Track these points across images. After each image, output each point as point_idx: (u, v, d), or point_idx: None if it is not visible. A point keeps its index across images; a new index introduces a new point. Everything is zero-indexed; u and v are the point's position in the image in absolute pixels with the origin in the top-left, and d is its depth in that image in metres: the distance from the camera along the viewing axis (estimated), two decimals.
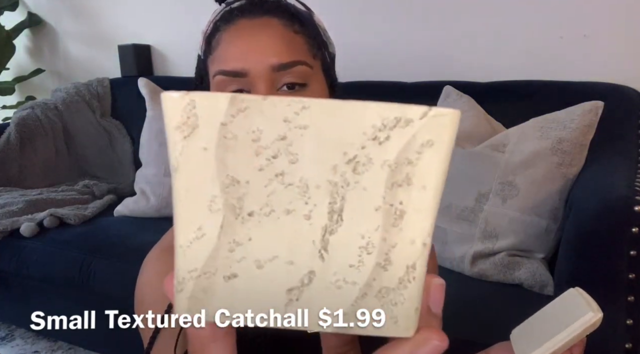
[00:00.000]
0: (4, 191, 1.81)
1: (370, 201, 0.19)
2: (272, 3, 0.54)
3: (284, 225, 0.19)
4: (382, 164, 0.19)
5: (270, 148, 0.19)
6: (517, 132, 1.24)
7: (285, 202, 0.19)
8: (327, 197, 0.19)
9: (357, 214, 0.19)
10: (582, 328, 0.41)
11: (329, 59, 0.57)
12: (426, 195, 0.19)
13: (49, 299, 1.57)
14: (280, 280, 0.20)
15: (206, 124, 0.19)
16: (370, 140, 0.19)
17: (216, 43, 0.54)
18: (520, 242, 1.16)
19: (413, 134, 0.19)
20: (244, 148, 0.19)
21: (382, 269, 0.19)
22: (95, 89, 2.16)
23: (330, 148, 0.19)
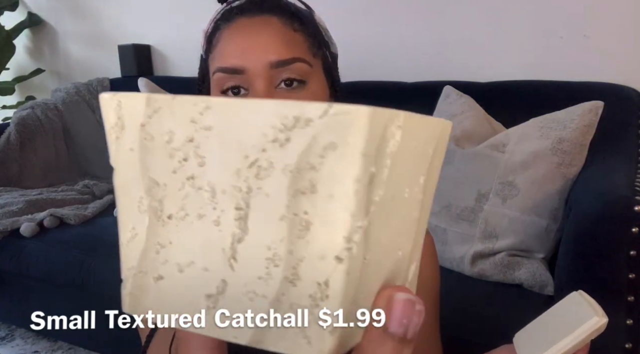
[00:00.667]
0: (4, 191, 1.81)
1: (274, 209, 0.17)
2: (272, 2, 0.54)
3: (198, 230, 0.18)
4: (283, 169, 0.17)
5: (181, 150, 0.18)
6: (517, 132, 1.24)
7: (197, 207, 0.18)
8: (233, 203, 0.18)
9: (262, 223, 0.17)
10: (587, 332, 0.41)
11: (331, 59, 0.57)
12: (334, 205, 0.16)
13: (49, 299, 1.57)
14: (199, 286, 0.19)
15: (130, 125, 0.19)
16: (270, 142, 0.17)
17: (216, 41, 0.54)
18: (520, 242, 1.16)
19: (313, 135, 0.16)
20: (160, 150, 0.19)
21: (291, 284, 0.17)
22: (95, 89, 2.16)
23: (233, 151, 0.17)
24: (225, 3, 0.56)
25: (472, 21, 1.62)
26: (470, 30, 1.63)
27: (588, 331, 0.41)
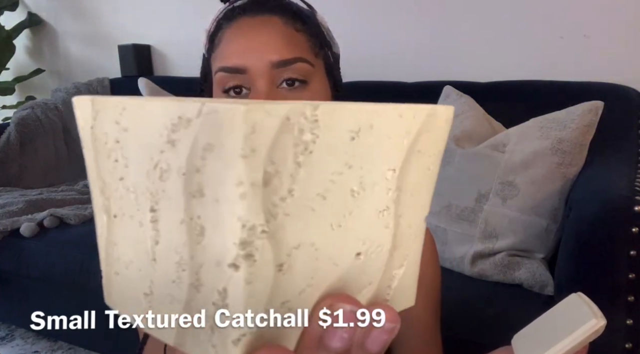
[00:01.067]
0: (4, 191, 1.81)
1: (176, 212, 0.17)
2: (274, 2, 0.54)
3: (130, 230, 0.19)
4: (177, 171, 0.16)
5: (113, 151, 0.18)
6: (517, 132, 1.24)
7: (128, 207, 0.19)
8: (148, 205, 0.18)
9: (168, 226, 0.17)
10: (585, 334, 0.40)
11: (333, 59, 0.57)
12: (221, 210, 0.15)
13: (49, 299, 1.57)
14: (138, 284, 0.19)
15: (83, 128, 0.20)
16: (165, 143, 0.16)
17: (218, 41, 0.54)
18: (520, 242, 1.16)
19: (195, 136, 0.16)
20: (102, 151, 0.19)
21: (196, 290, 0.17)
22: (95, 89, 2.16)
23: (142, 152, 0.17)
24: (228, 2, 0.57)
25: (472, 21, 1.62)
26: (470, 31, 1.63)
27: (586, 333, 0.41)
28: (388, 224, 0.20)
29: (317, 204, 0.17)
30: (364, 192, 0.18)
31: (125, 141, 0.18)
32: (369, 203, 0.19)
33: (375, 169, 0.19)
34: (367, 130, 0.18)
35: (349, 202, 0.18)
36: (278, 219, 0.16)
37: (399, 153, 0.19)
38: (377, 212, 0.19)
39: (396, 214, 0.20)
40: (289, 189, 0.16)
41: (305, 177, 0.16)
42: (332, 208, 0.18)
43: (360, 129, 0.18)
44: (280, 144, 0.16)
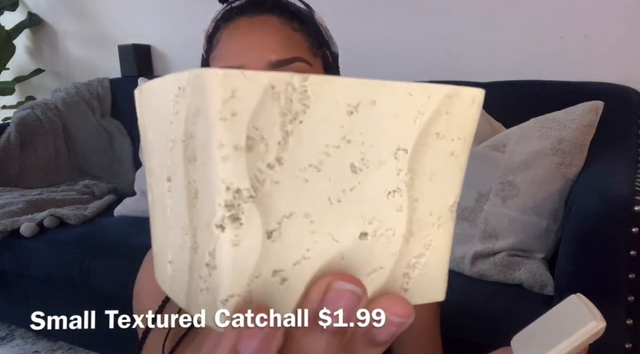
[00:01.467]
0: (4, 191, 1.81)
1: (180, 179, 0.18)
2: (272, 2, 0.55)
3: (157, 203, 0.20)
4: (181, 140, 0.17)
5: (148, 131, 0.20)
6: (517, 132, 1.24)
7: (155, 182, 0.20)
8: (165, 175, 0.19)
9: (176, 193, 0.18)
10: (585, 336, 0.40)
11: (331, 59, 0.58)
12: (208, 172, 0.16)
13: (49, 299, 1.57)
14: (164, 253, 0.20)
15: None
16: (173, 115, 0.18)
17: (216, 41, 0.54)
18: (520, 242, 1.16)
19: (188, 103, 0.17)
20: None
21: (194, 252, 0.18)
22: (95, 89, 2.16)
23: (161, 125, 0.18)
24: (226, 3, 0.57)
25: (472, 21, 1.62)
26: (470, 30, 1.63)
27: (586, 335, 0.40)
28: (400, 207, 0.19)
29: (310, 175, 0.17)
30: (368, 169, 0.18)
31: (149, 118, 0.19)
32: (375, 182, 0.19)
33: (381, 147, 0.18)
34: (368, 105, 0.18)
35: (350, 177, 0.18)
36: (266, 185, 0.16)
37: (410, 134, 0.19)
38: (386, 193, 0.19)
39: (410, 197, 0.19)
40: (277, 157, 0.17)
41: (295, 146, 0.17)
42: (329, 181, 0.18)
43: (359, 103, 0.17)
44: (265, 111, 0.16)
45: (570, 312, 0.43)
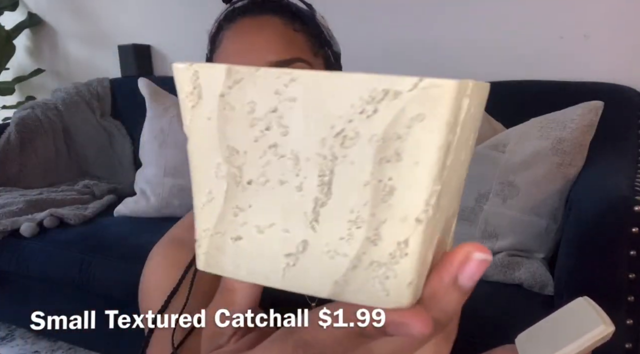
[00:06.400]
0: (4, 191, 1.81)
1: (359, 175, 0.19)
2: (274, 2, 0.55)
3: (279, 195, 0.20)
4: (369, 139, 0.18)
5: (263, 120, 0.19)
6: (517, 132, 1.24)
7: (279, 173, 0.19)
8: (316, 170, 0.19)
9: (345, 189, 0.19)
10: (593, 340, 0.40)
11: (333, 58, 0.58)
12: (419, 171, 0.18)
13: (49, 299, 1.57)
14: (278, 245, 0.20)
15: (208, 95, 0.20)
16: (357, 113, 0.18)
17: (219, 42, 0.55)
18: (520, 242, 1.16)
19: (402, 107, 0.18)
20: (240, 119, 0.20)
21: (372, 244, 0.19)
22: (95, 89, 2.16)
23: (319, 121, 0.19)
24: (229, 4, 0.57)
25: (472, 21, 1.62)
26: (470, 30, 1.63)
27: (594, 338, 0.40)
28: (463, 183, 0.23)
29: (453, 168, 0.20)
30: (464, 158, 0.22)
31: (290, 110, 0.19)
32: (463, 167, 0.23)
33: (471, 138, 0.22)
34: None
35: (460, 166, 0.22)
36: (441, 180, 0.19)
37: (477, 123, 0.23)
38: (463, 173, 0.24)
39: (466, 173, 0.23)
40: (451, 155, 0.19)
41: (455, 146, 0.19)
42: (455, 172, 0.20)
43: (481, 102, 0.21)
44: (458, 116, 0.18)
45: (578, 315, 0.43)
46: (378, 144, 0.18)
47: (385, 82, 0.18)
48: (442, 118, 0.17)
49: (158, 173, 1.71)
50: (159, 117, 1.78)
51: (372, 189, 0.18)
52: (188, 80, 0.20)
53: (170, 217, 1.59)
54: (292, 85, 0.19)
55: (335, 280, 0.19)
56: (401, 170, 0.18)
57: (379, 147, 0.18)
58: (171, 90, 1.90)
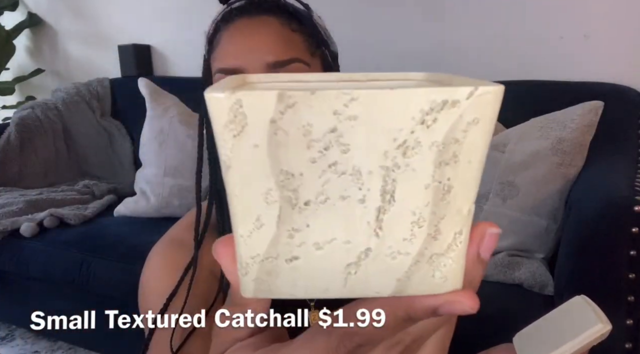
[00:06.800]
0: (4, 191, 1.81)
1: (420, 180, 0.20)
2: (271, 3, 0.55)
3: (340, 210, 0.20)
4: (430, 146, 0.19)
5: (321, 141, 0.19)
6: (517, 132, 1.24)
7: (340, 190, 0.20)
8: (379, 182, 0.20)
9: (408, 194, 0.20)
10: (590, 338, 0.40)
11: (331, 58, 0.58)
12: (471, 168, 0.20)
13: (49, 299, 1.57)
14: (339, 258, 0.21)
15: (255, 122, 0.20)
16: (419, 124, 0.19)
17: (217, 42, 0.55)
18: (520, 242, 1.16)
19: (460, 114, 0.19)
20: (295, 143, 0.20)
21: (433, 239, 0.21)
22: (95, 89, 2.16)
23: (381, 135, 0.19)
24: (226, 4, 0.57)
25: (472, 21, 1.62)
26: (470, 31, 1.63)
27: (591, 337, 0.40)
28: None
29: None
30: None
31: (351, 129, 0.19)
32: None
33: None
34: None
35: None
36: None
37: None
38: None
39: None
40: None
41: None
42: None
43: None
44: None
45: (576, 313, 0.43)
46: (438, 149, 0.19)
47: (444, 93, 0.19)
48: (492, 119, 0.20)
49: (158, 173, 1.71)
50: (159, 117, 1.78)
51: (433, 191, 0.20)
52: (227, 110, 0.19)
53: (170, 217, 1.58)
54: (352, 105, 0.19)
55: (398, 278, 0.21)
56: (458, 170, 0.20)
57: (439, 152, 0.19)
58: (171, 90, 1.90)
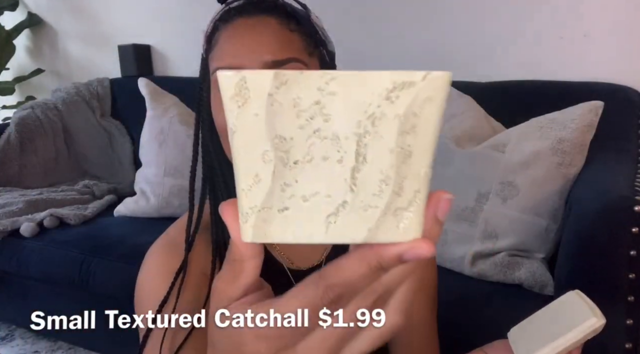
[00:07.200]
0: (4, 191, 1.81)
1: (386, 145, 0.25)
2: (269, 2, 0.56)
3: (322, 169, 0.25)
4: (393, 118, 0.24)
5: (307, 111, 0.25)
6: (517, 132, 1.24)
7: (323, 151, 0.25)
8: (354, 145, 0.25)
9: (376, 156, 0.25)
10: (584, 333, 0.41)
11: (328, 58, 0.59)
12: (427, 138, 0.25)
13: (49, 299, 1.57)
14: (322, 209, 0.26)
15: (256, 96, 0.25)
16: (384, 100, 0.24)
17: (215, 41, 0.56)
18: (520, 242, 1.16)
19: (417, 93, 0.24)
20: (287, 112, 0.25)
21: (397, 195, 0.25)
22: (95, 89, 2.16)
23: (355, 108, 0.24)
24: (224, 4, 0.58)
25: (472, 21, 1.63)
26: (470, 30, 1.63)
27: (585, 331, 0.41)
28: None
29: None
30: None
31: (331, 102, 0.25)
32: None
33: None
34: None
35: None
36: None
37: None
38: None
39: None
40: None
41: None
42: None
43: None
44: None
45: (569, 308, 0.44)
46: (400, 121, 0.24)
47: (404, 76, 0.24)
48: (444, 98, 0.24)
49: (158, 173, 1.71)
50: (159, 117, 1.78)
51: (396, 155, 0.25)
52: (234, 85, 0.25)
53: (170, 217, 1.59)
54: (332, 83, 0.24)
55: (369, 227, 0.25)
56: (416, 138, 0.25)
57: (401, 123, 0.24)
58: (171, 90, 1.90)
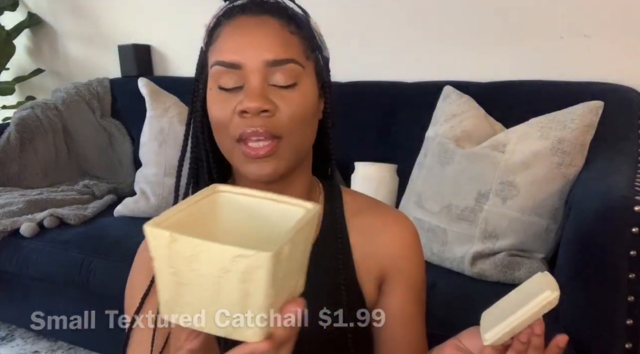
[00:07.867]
0: (4, 191, 1.81)
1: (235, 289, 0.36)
2: (272, 4, 0.57)
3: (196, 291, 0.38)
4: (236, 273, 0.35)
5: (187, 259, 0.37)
6: (517, 132, 1.24)
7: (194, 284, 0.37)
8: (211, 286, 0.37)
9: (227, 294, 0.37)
10: (539, 305, 0.44)
11: (323, 63, 0.61)
12: (259, 291, 0.35)
13: (49, 299, 1.57)
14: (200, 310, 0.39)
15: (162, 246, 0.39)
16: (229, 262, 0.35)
17: (217, 36, 0.57)
18: (520, 242, 1.16)
19: (247, 263, 0.34)
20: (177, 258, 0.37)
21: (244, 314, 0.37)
22: (95, 89, 2.16)
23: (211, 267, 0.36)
24: (228, 1, 0.59)
25: (472, 21, 1.62)
26: (470, 30, 1.63)
27: (540, 303, 0.44)
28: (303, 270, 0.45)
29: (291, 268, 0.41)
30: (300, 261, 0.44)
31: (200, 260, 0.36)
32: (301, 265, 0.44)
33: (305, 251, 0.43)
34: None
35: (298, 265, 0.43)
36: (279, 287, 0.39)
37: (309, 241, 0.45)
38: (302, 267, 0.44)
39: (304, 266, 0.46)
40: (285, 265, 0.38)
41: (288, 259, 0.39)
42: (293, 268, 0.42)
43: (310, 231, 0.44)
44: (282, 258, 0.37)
45: (531, 287, 0.47)
46: (243, 277, 0.35)
47: (238, 251, 0.34)
48: (268, 271, 0.34)
49: (158, 173, 1.71)
50: (159, 117, 1.78)
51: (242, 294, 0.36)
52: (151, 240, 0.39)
53: None
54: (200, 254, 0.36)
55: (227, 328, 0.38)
56: (251, 296, 0.36)
57: (243, 279, 0.35)
58: (171, 90, 1.90)
